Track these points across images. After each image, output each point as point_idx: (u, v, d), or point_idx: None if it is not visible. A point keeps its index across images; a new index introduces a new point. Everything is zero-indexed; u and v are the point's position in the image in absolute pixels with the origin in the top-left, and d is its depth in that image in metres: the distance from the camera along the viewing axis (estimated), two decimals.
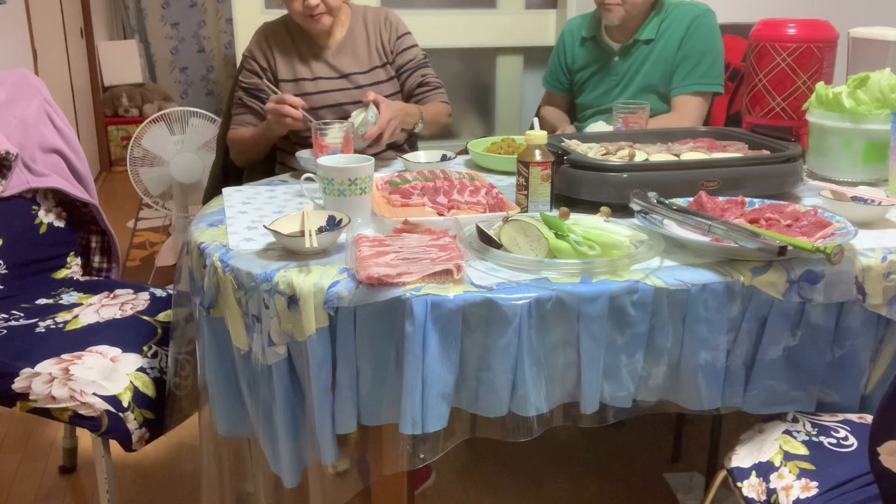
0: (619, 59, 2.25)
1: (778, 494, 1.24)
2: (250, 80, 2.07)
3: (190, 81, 6.27)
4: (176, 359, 1.57)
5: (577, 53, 2.33)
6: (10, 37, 3.56)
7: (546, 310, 1.19)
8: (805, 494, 1.21)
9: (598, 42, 2.29)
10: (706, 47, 2.18)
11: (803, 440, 1.32)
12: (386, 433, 1.30)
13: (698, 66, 2.18)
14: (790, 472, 1.26)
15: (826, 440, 1.32)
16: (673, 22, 2.20)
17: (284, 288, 1.22)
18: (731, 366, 1.31)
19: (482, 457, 2.22)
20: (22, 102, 1.98)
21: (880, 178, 1.78)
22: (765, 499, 1.25)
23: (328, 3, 1.97)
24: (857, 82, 1.78)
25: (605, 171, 1.54)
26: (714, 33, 2.20)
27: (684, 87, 2.20)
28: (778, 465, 1.28)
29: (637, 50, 2.22)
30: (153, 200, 3.27)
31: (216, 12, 6.14)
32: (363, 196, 1.46)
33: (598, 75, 2.30)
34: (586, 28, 2.31)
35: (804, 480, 1.24)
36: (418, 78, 2.13)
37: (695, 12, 2.19)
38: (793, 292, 1.29)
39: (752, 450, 1.34)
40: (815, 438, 1.32)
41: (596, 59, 2.29)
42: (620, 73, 2.25)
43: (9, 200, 1.90)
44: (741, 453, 1.35)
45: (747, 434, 1.39)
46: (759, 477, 1.28)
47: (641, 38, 2.21)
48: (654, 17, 2.20)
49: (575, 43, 2.33)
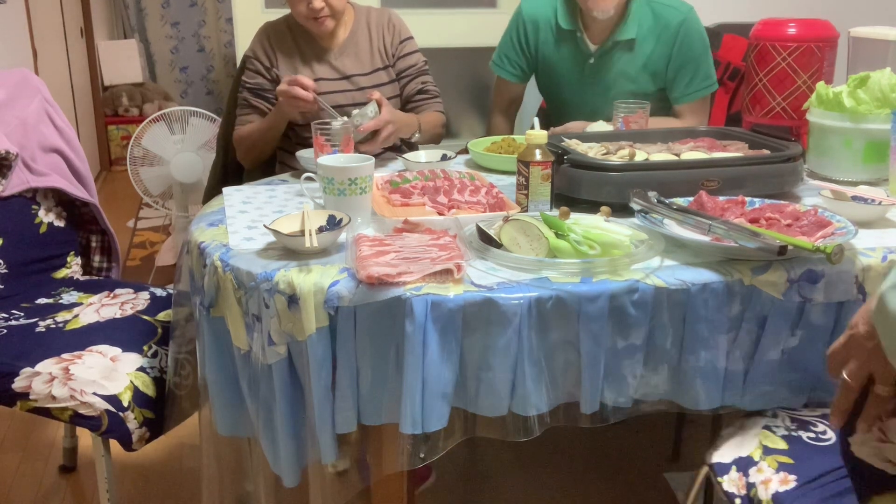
0: (595, 61, 2.15)
1: (757, 488, 1.26)
2: (254, 79, 2.07)
3: (190, 81, 6.27)
4: (176, 358, 1.57)
5: (546, 40, 2.18)
6: (10, 37, 3.56)
7: (546, 309, 1.19)
8: (783, 488, 1.23)
9: (575, 40, 2.15)
10: (699, 52, 2.13)
11: (783, 435, 1.34)
12: (386, 433, 1.30)
13: (697, 72, 2.14)
14: (769, 467, 1.28)
15: (805, 434, 1.34)
16: (658, 25, 2.10)
17: (285, 287, 1.22)
18: (730, 365, 1.31)
19: (482, 456, 2.22)
20: (22, 102, 1.98)
21: (880, 178, 1.78)
22: (744, 493, 1.27)
23: (332, 7, 1.97)
24: (858, 82, 1.78)
25: (605, 170, 1.54)
26: (702, 35, 2.14)
27: (689, 96, 2.17)
28: (757, 460, 1.30)
29: (616, 53, 2.13)
30: (153, 200, 3.27)
31: (216, 12, 6.14)
32: (363, 195, 1.46)
33: (573, 75, 2.19)
34: (565, 19, 2.14)
35: (783, 474, 1.26)
36: (418, 85, 2.14)
37: (679, 17, 2.10)
38: (793, 292, 1.29)
39: (732, 445, 1.36)
40: (795, 433, 1.34)
41: (571, 57, 2.18)
42: (596, 77, 2.15)
43: (9, 200, 1.91)
44: (722, 449, 1.37)
45: (728, 430, 1.41)
46: (739, 472, 1.30)
47: (621, 39, 2.10)
48: (632, 14, 2.09)
49: (542, 29, 2.17)
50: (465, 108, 3.65)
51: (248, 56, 2.11)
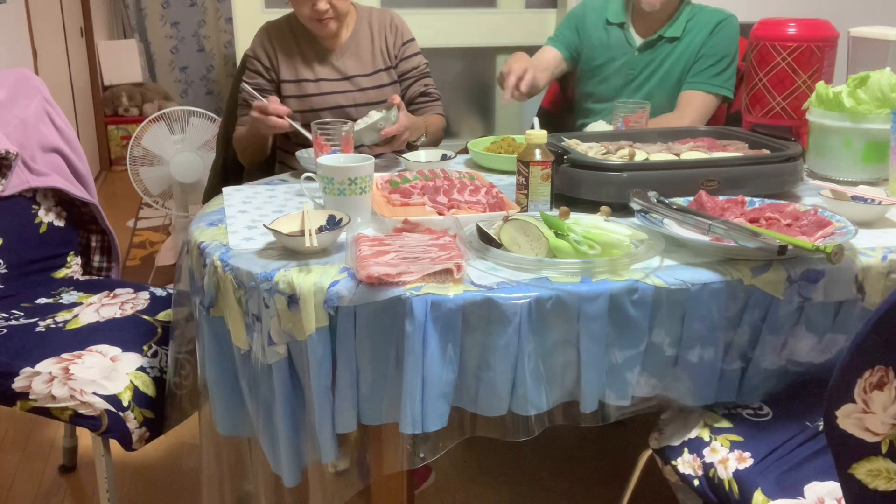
0: (640, 53, 2.22)
1: (716, 468, 1.28)
2: (254, 79, 2.07)
3: (190, 81, 6.27)
4: (176, 358, 1.57)
5: (597, 33, 2.27)
6: (10, 36, 3.56)
7: (546, 309, 1.19)
8: (743, 465, 1.26)
9: (623, 31, 2.24)
10: (725, 51, 2.19)
11: (724, 414, 1.38)
12: (386, 432, 1.30)
13: (713, 67, 2.18)
14: (722, 446, 1.30)
15: (744, 412, 1.38)
16: (699, 23, 2.19)
17: (284, 287, 1.22)
18: (729, 364, 1.31)
19: (482, 456, 2.22)
20: (22, 102, 1.98)
21: (880, 178, 1.78)
22: (702, 473, 1.30)
23: (336, 9, 1.97)
24: (858, 82, 1.78)
25: (605, 170, 1.54)
26: (735, 40, 2.21)
27: (694, 84, 2.19)
28: (708, 440, 1.32)
29: (660, 46, 2.21)
30: (153, 200, 3.27)
31: (216, 12, 6.14)
32: (363, 195, 1.46)
33: (613, 65, 2.26)
34: (613, 13, 2.25)
35: (737, 452, 1.29)
36: (421, 87, 2.15)
37: (721, 16, 2.20)
38: (793, 291, 1.29)
39: (677, 428, 1.38)
40: (734, 411, 1.38)
41: (616, 48, 2.25)
42: (639, 68, 2.22)
43: (9, 200, 1.91)
44: (667, 432, 1.39)
45: (668, 414, 1.43)
46: (692, 453, 1.33)
47: (666, 35, 2.19)
48: (682, 15, 2.19)
49: (598, 21, 2.27)
50: (465, 108, 3.65)
51: (248, 56, 2.11)
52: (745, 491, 1.23)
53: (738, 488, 1.24)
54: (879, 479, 0.96)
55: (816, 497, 1.19)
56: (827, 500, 1.18)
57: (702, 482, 1.29)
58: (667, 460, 1.36)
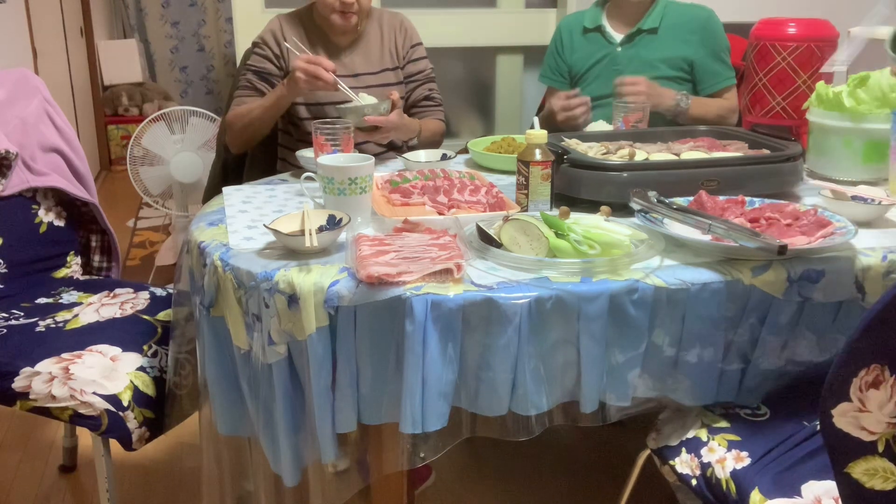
0: (622, 48, 2.26)
1: (713, 468, 1.28)
2: (262, 64, 2.06)
3: (190, 80, 6.27)
4: (176, 358, 1.57)
5: (577, 45, 2.34)
6: (10, 36, 3.56)
7: (546, 309, 1.19)
8: (740, 465, 1.26)
9: (601, 32, 2.30)
10: (726, 45, 2.26)
11: (721, 413, 1.38)
12: (386, 432, 1.30)
13: (727, 62, 2.25)
14: (719, 445, 1.30)
15: (742, 412, 1.38)
16: (678, 16, 2.24)
17: (285, 287, 1.22)
18: (729, 364, 1.31)
19: (482, 457, 2.23)
20: (22, 102, 1.98)
21: (880, 178, 1.78)
22: (699, 473, 1.30)
23: (361, 3, 1.99)
24: (858, 81, 1.78)
25: (605, 170, 1.54)
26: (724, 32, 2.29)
27: (727, 80, 2.25)
28: (706, 440, 1.32)
29: (640, 39, 2.25)
30: (153, 200, 3.27)
31: (216, 12, 6.14)
32: (363, 195, 1.46)
33: (599, 66, 2.30)
34: (588, 19, 2.33)
35: (734, 451, 1.29)
36: (425, 91, 2.16)
37: (704, 13, 2.26)
38: (793, 291, 1.29)
39: (675, 428, 1.38)
40: (732, 411, 1.38)
41: (598, 50, 2.30)
42: (623, 63, 2.26)
43: (9, 200, 1.91)
44: (665, 432, 1.39)
45: (665, 414, 1.43)
46: (689, 453, 1.33)
47: (645, 28, 2.24)
48: (657, 7, 2.25)
49: (574, 35, 2.35)
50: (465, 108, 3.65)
51: (257, 42, 2.09)
52: (743, 490, 1.23)
53: (736, 488, 1.24)
54: (876, 479, 0.96)
55: (813, 496, 1.19)
56: (824, 500, 1.18)
57: (699, 482, 1.29)
58: (665, 460, 1.36)
